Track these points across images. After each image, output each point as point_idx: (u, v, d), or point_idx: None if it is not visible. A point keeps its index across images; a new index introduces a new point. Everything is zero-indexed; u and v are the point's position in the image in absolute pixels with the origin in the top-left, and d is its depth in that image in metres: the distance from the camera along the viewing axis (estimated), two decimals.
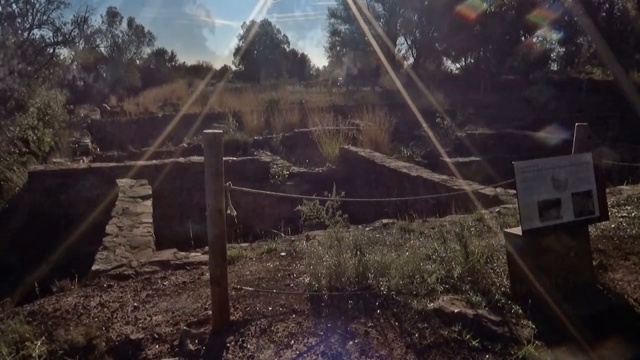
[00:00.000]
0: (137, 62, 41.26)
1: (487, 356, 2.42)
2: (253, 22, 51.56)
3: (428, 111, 14.76)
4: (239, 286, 3.09)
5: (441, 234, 3.82)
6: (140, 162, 8.53)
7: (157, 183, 7.59)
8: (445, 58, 36.02)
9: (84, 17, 22.84)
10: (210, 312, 2.73)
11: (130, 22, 41.63)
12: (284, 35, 54.83)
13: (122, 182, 6.88)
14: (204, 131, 2.45)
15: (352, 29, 35.92)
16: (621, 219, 4.61)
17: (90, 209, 6.80)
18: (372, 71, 35.97)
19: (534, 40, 27.06)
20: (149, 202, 5.82)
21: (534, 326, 2.67)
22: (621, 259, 3.66)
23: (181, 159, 8.84)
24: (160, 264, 3.75)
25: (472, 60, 32.33)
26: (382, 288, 3.05)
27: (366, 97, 22.79)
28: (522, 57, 25.49)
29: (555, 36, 26.03)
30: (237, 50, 51.13)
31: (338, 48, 39.66)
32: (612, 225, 4.40)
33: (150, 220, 5.05)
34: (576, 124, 3.71)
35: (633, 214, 4.77)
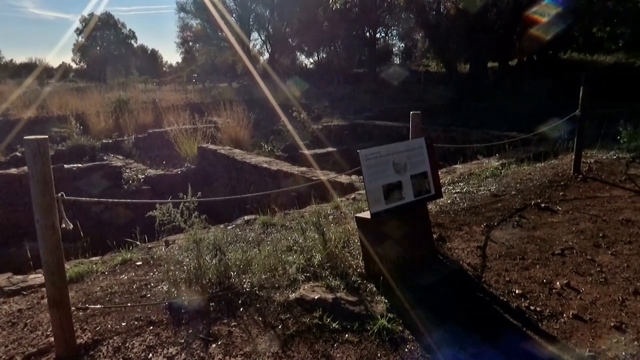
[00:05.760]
0: None
1: (346, 335, 2.55)
2: (92, 15, 47.40)
3: (286, 105, 15.01)
4: (85, 305, 2.82)
5: (301, 225, 3.93)
6: None
7: None
8: (299, 53, 37.13)
9: None
10: (52, 339, 2.44)
11: None
12: (130, 30, 51.45)
13: None
14: (25, 137, 2.15)
15: (203, 23, 35.07)
16: (455, 195, 5.22)
17: None
18: (228, 67, 35.56)
19: (377, 35, 29.25)
20: None
21: (386, 301, 2.88)
22: (456, 230, 4.14)
23: (13, 171, 7.76)
24: None
25: (324, 55, 33.77)
26: (244, 285, 3.04)
27: (223, 94, 22.45)
28: (368, 51, 27.37)
29: (394, 32, 28.45)
30: (76, 45, 46.64)
31: (191, 44, 38.46)
32: (448, 201, 4.96)
33: None
34: (411, 112, 4.08)
35: (464, 190, 5.43)
